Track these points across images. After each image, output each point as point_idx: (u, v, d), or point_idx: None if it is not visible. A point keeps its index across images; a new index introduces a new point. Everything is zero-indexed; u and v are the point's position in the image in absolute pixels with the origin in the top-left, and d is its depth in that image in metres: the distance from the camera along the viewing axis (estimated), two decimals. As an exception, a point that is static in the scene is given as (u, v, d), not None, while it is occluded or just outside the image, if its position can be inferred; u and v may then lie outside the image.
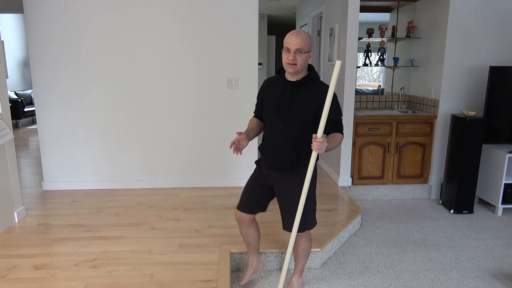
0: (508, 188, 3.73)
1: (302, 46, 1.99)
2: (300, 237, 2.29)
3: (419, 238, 3.30)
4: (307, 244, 2.34)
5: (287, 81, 2.13)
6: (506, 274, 2.74)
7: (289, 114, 2.09)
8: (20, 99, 8.44)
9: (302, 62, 2.02)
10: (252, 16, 3.85)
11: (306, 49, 2.00)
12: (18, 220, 3.23)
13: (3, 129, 3.01)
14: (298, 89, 2.09)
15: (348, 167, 4.14)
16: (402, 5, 4.54)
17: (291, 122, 2.09)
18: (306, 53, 2.02)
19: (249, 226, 2.38)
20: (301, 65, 2.03)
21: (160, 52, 3.87)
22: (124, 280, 2.33)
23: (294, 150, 2.12)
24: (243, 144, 2.14)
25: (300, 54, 2.00)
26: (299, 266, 2.43)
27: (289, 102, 2.09)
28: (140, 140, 4.01)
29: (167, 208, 3.51)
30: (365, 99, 4.73)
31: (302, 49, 1.99)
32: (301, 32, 2.03)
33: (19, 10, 5.03)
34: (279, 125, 2.13)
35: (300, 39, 1.99)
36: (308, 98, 2.06)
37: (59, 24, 3.73)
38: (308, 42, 2.02)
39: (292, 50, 2.00)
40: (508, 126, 3.81)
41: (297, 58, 2.00)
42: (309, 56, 2.04)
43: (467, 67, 3.98)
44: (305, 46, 2.00)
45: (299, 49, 1.99)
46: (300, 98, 2.07)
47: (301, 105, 2.07)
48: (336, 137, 2.08)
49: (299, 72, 2.08)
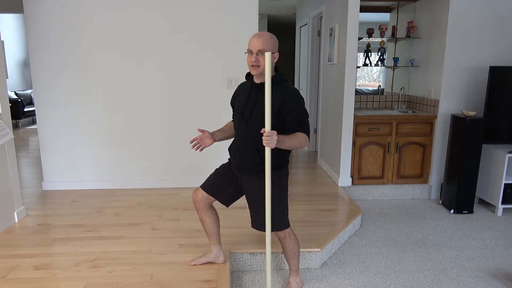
0: (508, 188, 3.73)
1: (263, 48, 2.00)
2: (282, 239, 2.31)
3: (419, 238, 3.30)
4: (291, 245, 2.34)
5: (253, 83, 2.14)
6: (506, 274, 2.74)
7: (252, 116, 2.11)
8: (20, 99, 8.44)
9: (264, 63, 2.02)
10: (252, 16, 3.85)
11: (268, 50, 2.00)
12: (18, 220, 3.23)
13: (3, 129, 3.01)
14: (262, 91, 2.07)
15: (348, 167, 4.14)
16: (402, 5, 4.54)
17: (254, 124, 2.09)
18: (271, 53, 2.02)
19: (203, 211, 2.37)
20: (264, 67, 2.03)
21: (160, 52, 3.87)
22: (124, 280, 2.33)
23: (257, 153, 2.11)
24: (206, 142, 2.19)
25: (263, 56, 2.01)
26: (292, 266, 2.43)
27: (253, 104, 2.11)
28: (140, 140, 4.02)
29: (167, 208, 3.51)
30: (365, 99, 4.73)
31: (264, 50, 2.00)
32: (263, 34, 2.04)
33: (19, 10, 5.04)
34: (243, 127, 2.15)
35: (262, 40, 2.00)
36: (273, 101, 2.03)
37: (59, 24, 3.73)
38: (270, 43, 2.02)
39: (254, 52, 2.01)
40: (508, 126, 3.81)
41: (259, 60, 2.02)
42: (273, 57, 2.05)
43: (467, 67, 3.98)
44: (267, 47, 2.00)
45: (261, 50, 2.00)
46: (263, 100, 2.04)
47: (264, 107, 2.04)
48: (298, 135, 2.04)
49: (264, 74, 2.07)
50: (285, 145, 2.00)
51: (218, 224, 2.46)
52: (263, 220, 2.15)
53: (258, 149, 2.10)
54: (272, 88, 2.03)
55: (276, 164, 2.13)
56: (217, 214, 2.45)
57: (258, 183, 2.15)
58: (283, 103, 2.03)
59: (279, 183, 2.19)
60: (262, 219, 2.16)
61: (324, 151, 4.99)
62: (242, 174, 2.24)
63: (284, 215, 2.26)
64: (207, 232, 2.46)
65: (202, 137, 2.20)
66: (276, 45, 2.07)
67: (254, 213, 2.27)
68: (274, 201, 2.16)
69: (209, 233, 2.46)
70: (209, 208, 2.40)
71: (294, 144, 2.03)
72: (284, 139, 1.99)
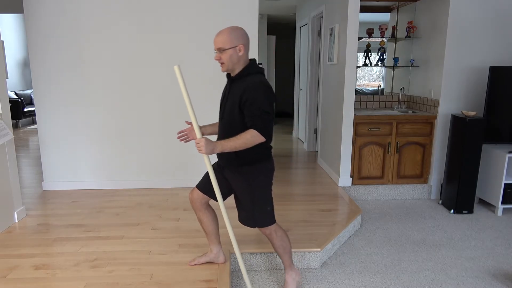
0: (508, 188, 3.73)
1: (221, 45, 2.00)
2: (268, 236, 2.29)
3: (419, 238, 3.30)
4: (279, 241, 2.30)
5: (229, 78, 2.17)
6: (506, 274, 2.74)
7: (225, 111, 2.13)
8: (20, 99, 8.44)
9: (227, 59, 2.03)
10: (252, 16, 3.85)
11: (227, 46, 2.00)
12: (18, 220, 3.23)
13: (3, 129, 3.01)
14: (233, 86, 2.12)
15: (348, 167, 4.14)
16: (402, 5, 4.54)
17: (226, 118, 2.12)
18: (230, 49, 2.01)
19: (201, 210, 2.37)
20: (228, 62, 2.04)
21: (160, 52, 3.87)
22: (124, 280, 2.33)
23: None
24: (193, 135, 2.21)
25: (223, 52, 2.01)
26: (284, 262, 2.41)
27: (226, 99, 2.14)
28: (140, 140, 4.02)
29: (167, 208, 3.51)
30: (365, 99, 4.73)
31: (222, 47, 2.00)
32: (222, 31, 2.04)
33: (19, 10, 5.04)
34: (221, 122, 2.18)
35: (219, 38, 2.01)
36: (237, 94, 2.05)
37: (59, 24, 3.73)
38: (228, 38, 2.00)
39: (216, 50, 2.04)
40: (508, 126, 3.81)
41: (221, 57, 2.03)
42: (234, 51, 2.02)
43: (467, 67, 3.98)
44: (224, 43, 2.00)
45: (219, 48, 2.01)
46: (233, 93, 2.08)
47: (232, 101, 2.08)
48: (243, 135, 1.98)
49: (235, 69, 2.08)
50: (227, 148, 1.98)
51: (216, 224, 2.46)
52: (246, 215, 2.19)
53: None
54: (240, 82, 2.07)
55: (252, 159, 2.11)
56: (215, 214, 2.45)
57: (237, 178, 2.17)
58: (242, 95, 2.01)
59: (258, 178, 2.16)
60: (246, 215, 2.20)
61: (324, 151, 4.99)
62: (226, 170, 2.24)
63: (266, 211, 2.22)
64: (206, 231, 2.46)
65: (190, 130, 2.24)
66: (238, 37, 2.02)
67: (238, 208, 2.30)
68: (255, 197, 2.17)
69: (208, 233, 2.46)
70: (206, 207, 2.40)
71: (237, 145, 1.98)
72: (224, 143, 1.98)
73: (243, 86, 2.02)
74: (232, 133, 2.04)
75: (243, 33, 2.06)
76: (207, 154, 1.99)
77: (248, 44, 2.08)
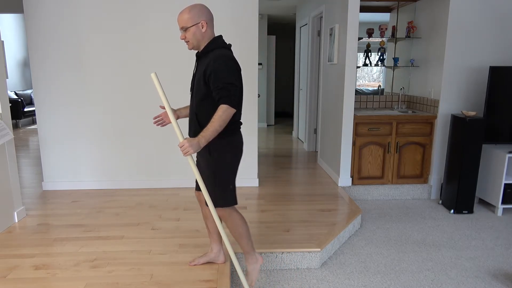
0: (508, 188, 3.73)
1: (183, 24, 2.03)
2: (222, 217, 2.23)
3: (419, 238, 3.30)
4: (234, 225, 2.24)
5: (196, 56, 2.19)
6: (506, 274, 2.74)
7: (194, 88, 2.15)
8: (20, 99, 8.44)
9: (191, 37, 2.05)
10: (252, 16, 3.85)
11: (189, 23, 2.02)
12: (18, 220, 3.23)
13: (3, 129, 3.01)
14: (199, 63, 2.15)
15: (348, 167, 4.14)
16: (402, 5, 4.54)
17: (194, 95, 2.14)
18: (193, 26, 2.03)
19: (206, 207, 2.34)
20: (193, 40, 2.06)
21: (160, 52, 3.87)
22: (124, 280, 2.33)
23: (197, 122, 2.13)
24: (168, 120, 2.22)
25: (187, 31, 2.04)
26: (242, 247, 2.34)
27: (194, 76, 2.17)
28: (140, 140, 4.02)
29: (167, 208, 3.51)
30: (365, 99, 4.73)
31: (185, 26, 2.03)
32: (183, 10, 2.06)
33: (19, 10, 5.04)
34: (191, 99, 2.19)
35: (180, 17, 2.04)
36: (201, 70, 2.07)
37: (59, 24, 3.73)
38: (189, 16, 2.02)
39: (180, 30, 2.07)
40: (508, 126, 3.81)
41: (186, 36, 2.06)
42: (197, 28, 2.04)
43: (467, 67, 3.98)
44: (186, 22, 2.02)
45: (183, 27, 2.04)
46: (198, 71, 2.12)
47: (198, 77, 2.10)
48: (215, 116, 1.96)
49: (200, 46, 2.10)
50: (209, 135, 1.96)
51: (220, 223, 2.45)
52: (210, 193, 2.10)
53: (197, 118, 2.13)
54: (204, 58, 2.08)
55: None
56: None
57: (203, 152, 2.15)
58: (205, 70, 2.02)
59: (223, 153, 2.12)
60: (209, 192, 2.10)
61: (324, 151, 4.99)
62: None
63: (228, 189, 2.16)
64: (209, 229, 2.46)
65: (165, 114, 2.25)
66: (199, 14, 2.04)
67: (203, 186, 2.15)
68: (217, 173, 2.13)
69: (211, 230, 2.45)
70: None
71: (216, 127, 1.96)
72: (204, 133, 1.96)
73: (206, 61, 2.05)
74: (202, 109, 2.09)
75: (205, 9, 2.08)
76: (194, 152, 1.97)
77: (211, 20, 2.10)
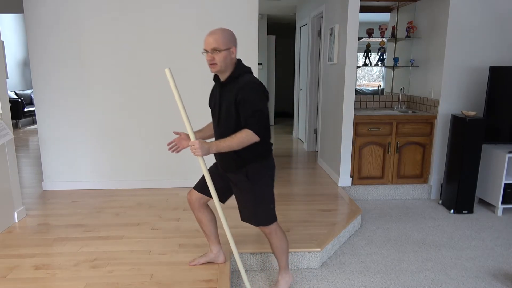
0: (508, 188, 3.72)
1: (216, 45, 1.98)
2: (268, 235, 2.28)
3: (419, 238, 3.30)
4: (278, 242, 2.29)
5: (218, 82, 2.15)
6: (506, 274, 2.74)
7: (221, 116, 2.12)
8: (20, 99, 8.44)
9: (221, 60, 2.00)
10: (252, 16, 3.85)
11: (222, 47, 1.99)
12: (18, 220, 3.23)
13: (3, 129, 3.01)
14: (224, 89, 2.10)
15: (348, 167, 4.14)
16: (402, 5, 4.54)
17: (223, 122, 2.11)
18: (225, 50, 2.00)
19: (200, 211, 2.38)
20: (221, 64, 2.02)
21: (160, 52, 3.87)
22: (124, 280, 2.33)
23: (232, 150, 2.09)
24: (183, 144, 2.18)
25: (218, 53, 1.99)
26: (279, 263, 2.40)
27: (220, 104, 2.12)
28: (140, 140, 4.02)
29: (167, 208, 3.51)
30: (365, 99, 4.73)
31: (218, 47, 1.98)
32: (216, 31, 2.02)
33: (19, 10, 5.04)
34: (217, 127, 2.16)
35: (214, 38, 1.98)
36: (232, 96, 2.04)
37: (59, 24, 3.73)
38: (223, 39, 1.99)
39: (209, 51, 2.00)
40: (508, 126, 3.81)
41: (215, 58, 2.00)
42: (229, 53, 2.02)
43: (467, 67, 3.98)
44: (220, 44, 1.98)
45: (214, 48, 1.99)
46: (226, 97, 2.07)
47: (226, 105, 2.07)
48: (237, 135, 1.99)
49: (226, 71, 2.07)
50: (222, 148, 1.99)
51: (215, 224, 2.46)
52: (249, 214, 2.19)
53: None
54: (232, 84, 2.06)
55: (255, 157, 2.12)
56: (213, 214, 2.46)
57: (241, 178, 2.17)
58: (236, 97, 2.01)
59: (262, 176, 2.17)
60: (248, 213, 2.20)
61: (324, 151, 4.99)
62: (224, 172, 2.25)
63: (269, 208, 2.22)
64: (205, 232, 2.46)
65: (179, 139, 2.20)
66: (231, 40, 2.03)
67: (241, 207, 2.27)
68: (259, 195, 2.16)
69: (207, 233, 2.46)
70: (205, 207, 2.40)
71: (233, 145, 1.99)
72: (219, 143, 1.99)
73: (235, 88, 2.03)
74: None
75: (234, 35, 2.07)
76: (203, 155, 1.99)
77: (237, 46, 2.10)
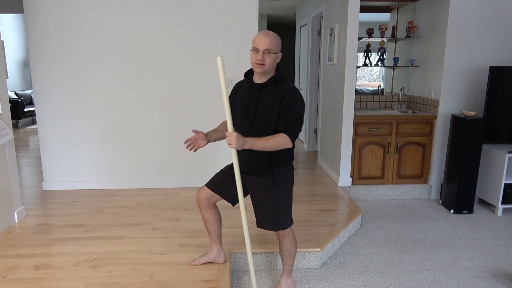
0: (508, 188, 3.73)
1: (270, 47, 2.01)
2: (281, 238, 2.30)
3: (419, 238, 3.30)
4: (289, 245, 2.33)
5: (254, 84, 2.14)
6: (506, 274, 2.74)
7: (257, 117, 2.11)
8: (20, 99, 8.44)
9: (270, 62, 2.03)
10: (252, 16, 3.85)
11: (274, 50, 2.03)
12: (18, 220, 3.23)
13: (3, 129, 3.01)
14: (264, 92, 2.10)
15: (348, 167, 4.14)
16: (402, 5, 4.54)
17: (259, 125, 2.10)
18: (275, 54, 2.04)
19: (207, 209, 2.37)
20: (269, 66, 2.04)
21: (160, 53, 3.87)
22: (124, 280, 2.33)
23: (264, 153, 2.11)
24: (200, 143, 2.18)
25: (269, 55, 2.02)
26: (285, 266, 2.42)
27: (256, 105, 2.11)
28: (140, 140, 4.01)
29: (167, 208, 3.51)
30: (365, 99, 4.73)
31: (271, 49, 2.01)
32: (270, 33, 2.05)
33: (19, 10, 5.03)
34: (249, 129, 2.14)
35: (269, 40, 2.01)
36: (273, 100, 2.05)
37: (59, 24, 3.73)
38: (276, 43, 2.04)
39: (261, 50, 2.01)
40: (508, 126, 3.81)
41: (265, 59, 2.01)
42: (277, 57, 2.07)
43: (467, 67, 3.98)
44: (273, 47, 2.02)
45: (268, 49, 2.01)
46: (266, 100, 2.08)
47: (267, 107, 2.07)
48: (274, 137, 2.02)
49: (267, 73, 2.08)
50: (256, 147, 2.00)
51: (220, 224, 2.47)
52: (270, 219, 2.19)
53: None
54: (273, 87, 2.07)
55: (283, 160, 2.17)
56: (219, 214, 2.45)
57: (265, 181, 2.17)
58: (282, 100, 2.03)
59: (286, 178, 2.22)
60: (270, 218, 2.20)
61: (324, 151, 4.99)
62: (248, 176, 2.22)
63: (290, 211, 2.28)
64: (209, 231, 2.46)
65: (196, 138, 2.18)
66: (280, 45, 2.10)
67: (262, 212, 2.25)
68: (282, 198, 2.19)
69: (211, 232, 2.46)
70: (212, 207, 2.40)
71: (267, 145, 2.01)
72: (254, 140, 1.99)
73: (282, 91, 2.05)
74: None
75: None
76: (236, 148, 1.97)
77: None
